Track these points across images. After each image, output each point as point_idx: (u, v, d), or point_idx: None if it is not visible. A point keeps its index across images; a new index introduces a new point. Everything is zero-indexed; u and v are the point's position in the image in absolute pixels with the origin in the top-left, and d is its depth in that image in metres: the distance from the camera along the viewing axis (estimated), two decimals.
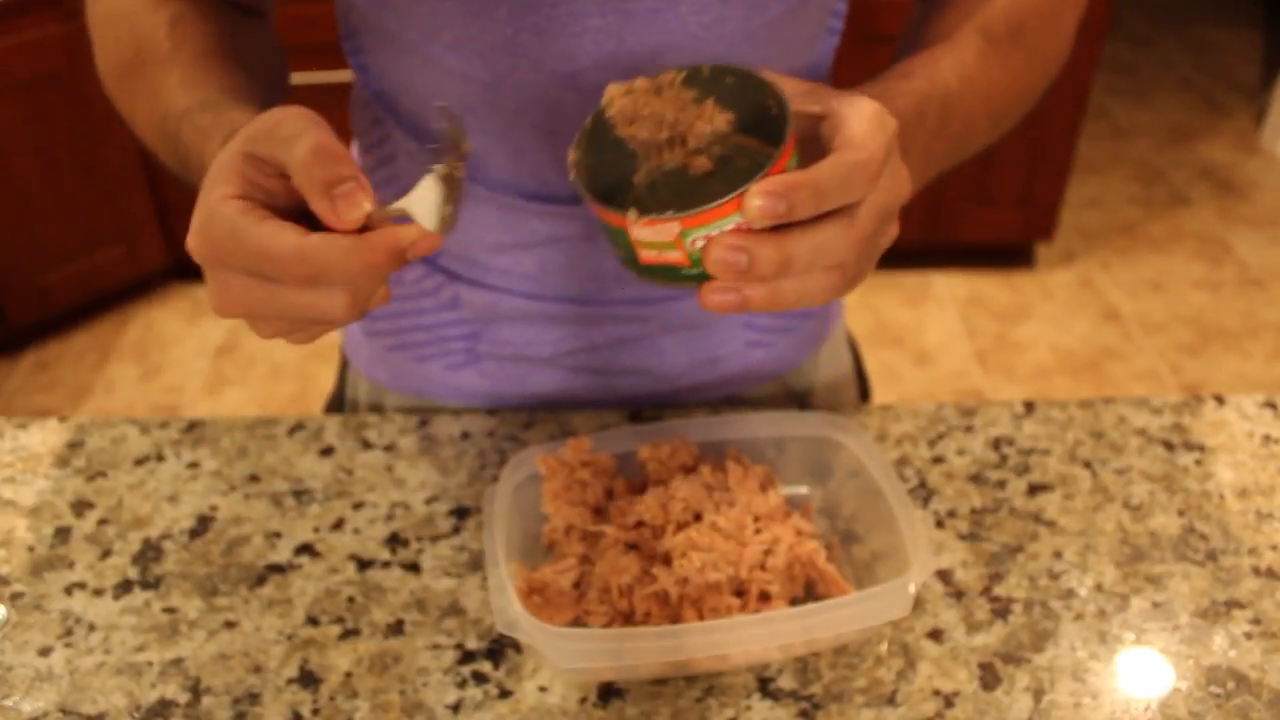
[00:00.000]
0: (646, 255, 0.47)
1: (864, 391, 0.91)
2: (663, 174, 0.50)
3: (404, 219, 0.47)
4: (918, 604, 0.63)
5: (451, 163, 0.47)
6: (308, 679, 0.59)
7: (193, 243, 0.46)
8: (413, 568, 0.66)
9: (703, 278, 0.47)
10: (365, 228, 0.45)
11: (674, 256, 0.46)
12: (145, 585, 0.65)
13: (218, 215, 0.45)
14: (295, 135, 0.44)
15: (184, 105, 0.56)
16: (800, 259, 0.45)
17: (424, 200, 0.47)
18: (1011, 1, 0.62)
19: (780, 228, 0.45)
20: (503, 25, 0.59)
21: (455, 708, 0.57)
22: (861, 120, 0.46)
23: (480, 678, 0.59)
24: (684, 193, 0.48)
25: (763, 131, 0.48)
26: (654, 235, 0.45)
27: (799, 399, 0.83)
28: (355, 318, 0.47)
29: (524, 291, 0.73)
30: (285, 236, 0.44)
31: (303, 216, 0.46)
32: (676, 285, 0.48)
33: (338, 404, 0.89)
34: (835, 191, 0.45)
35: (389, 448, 0.75)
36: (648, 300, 0.74)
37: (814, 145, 0.48)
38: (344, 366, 0.88)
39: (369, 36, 0.67)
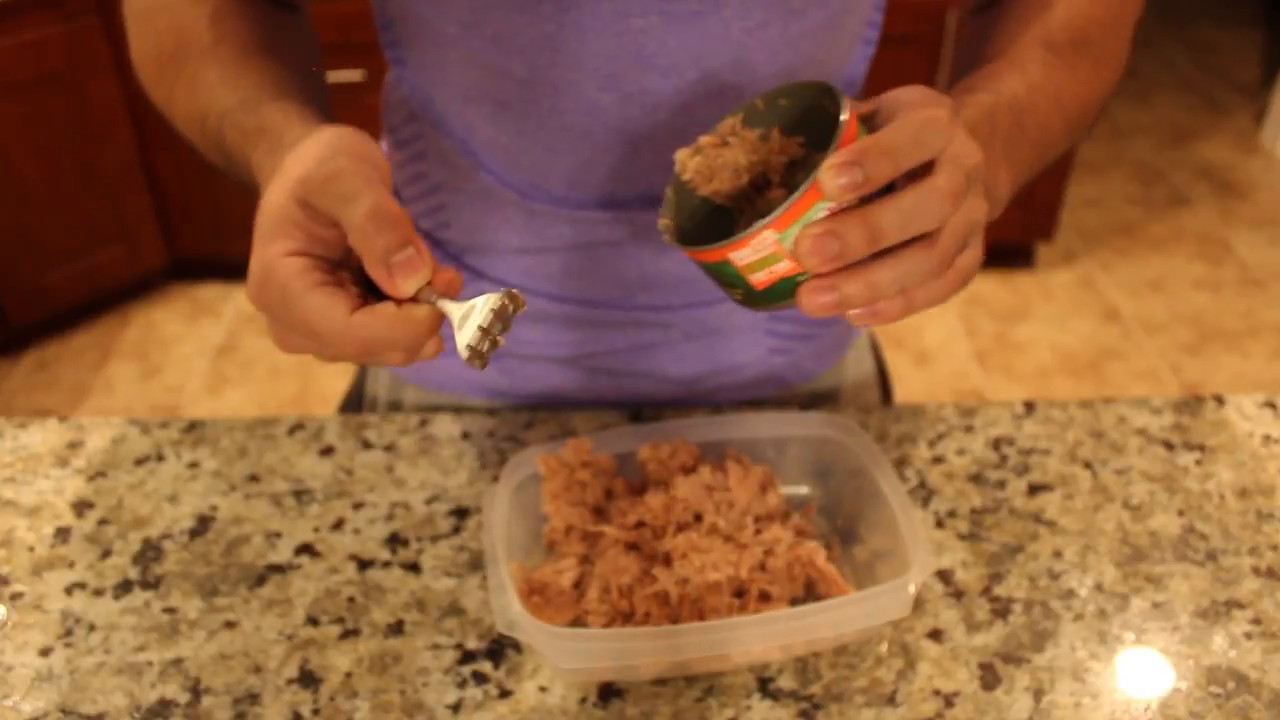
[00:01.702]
0: (759, 279, 0.46)
1: (886, 393, 0.91)
2: (762, 215, 0.50)
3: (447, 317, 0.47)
4: (918, 604, 0.63)
5: (502, 315, 0.46)
6: (308, 679, 0.59)
7: (251, 293, 0.46)
8: (413, 568, 0.66)
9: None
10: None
11: (784, 267, 0.45)
12: (145, 585, 0.65)
13: (273, 273, 0.45)
14: (353, 194, 0.44)
15: (225, 104, 0.56)
16: (890, 226, 0.43)
17: (469, 320, 0.46)
18: (1072, 13, 0.62)
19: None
20: (546, 21, 0.59)
21: (455, 708, 0.57)
22: (914, 91, 0.46)
23: (480, 678, 0.59)
24: None
25: (833, 137, 0.48)
26: (754, 253, 0.45)
27: (819, 404, 0.83)
28: (409, 364, 0.47)
29: (547, 293, 0.73)
30: (333, 314, 0.44)
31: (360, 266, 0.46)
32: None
33: (356, 398, 0.88)
34: (907, 148, 0.43)
35: (389, 448, 0.75)
36: (671, 306, 0.73)
37: None
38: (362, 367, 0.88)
39: (407, 28, 0.66)
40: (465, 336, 0.46)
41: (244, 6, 0.62)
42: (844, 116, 0.44)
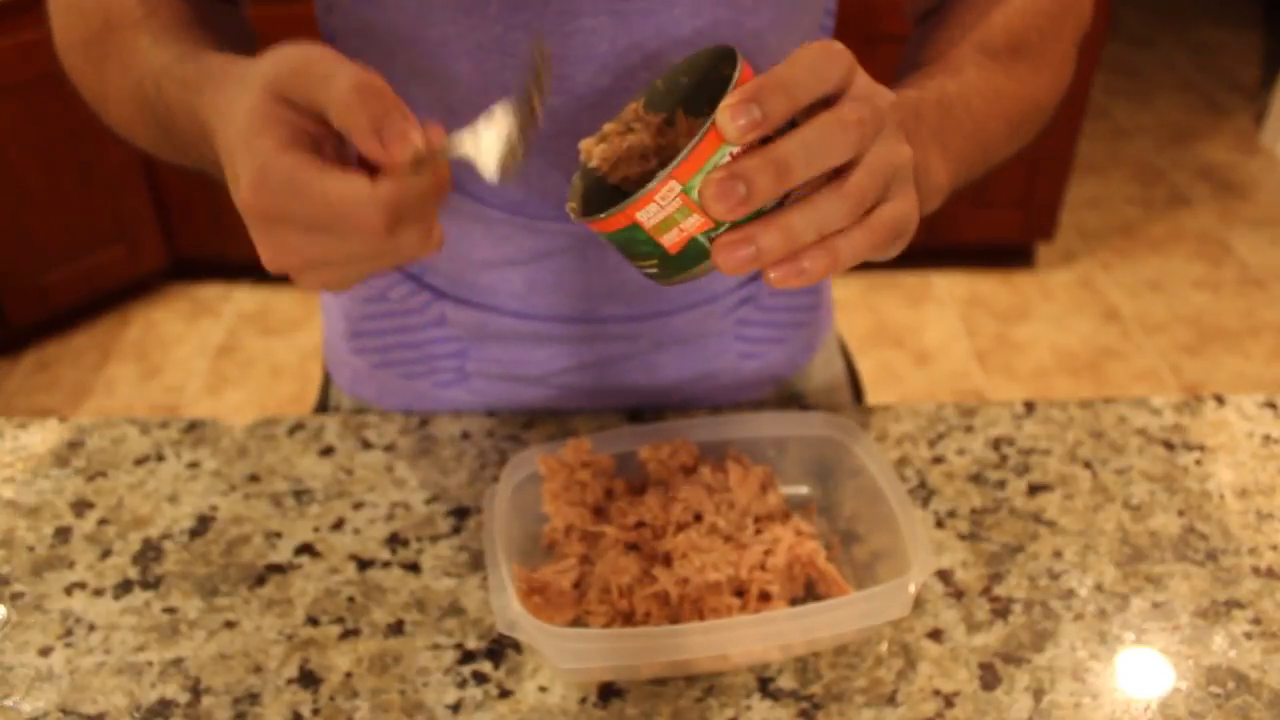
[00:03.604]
0: (670, 240, 0.44)
1: (858, 395, 0.91)
2: None
3: (458, 159, 0.44)
4: (918, 604, 0.63)
5: (527, 101, 0.43)
6: (308, 679, 0.59)
7: (248, 197, 0.42)
8: (413, 568, 0.66)
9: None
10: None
11: (694, 223, 0.43)
12: (145, 585, 0.65)
13: (275, 168, 0.41)
14: (330, 73, 0.41)
15: (161, 62, 0.53)
16: (795, 160, 0.42)
17: (487, 142, 0.43)
18: (1010, 19, 0.62)
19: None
20: (493, 23, 0.58)
21: (455, 708, 0.57)
22: (811, 43, 0.45)
23: (480, 678, 0.59)
24: None
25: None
26: (661, 209, 0.43)
27: (793, 404, 0.83)
28: (433, 251, 0.44)
29: (512, 310, 0.72)
30: (356, 187, 0.41)
31: (345, 160, 0.44)
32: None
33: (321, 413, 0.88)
34: (804, 80, 0.42)
35: (389, 448, 0.75)
36: (639, 317, 0.73)
37: None
38: (326, 381, 0.87)
39: (352, 39, 0.66)
40: (490, 161, 0.43)
41: None
42: (738, 67, 0.42)
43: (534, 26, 0.58)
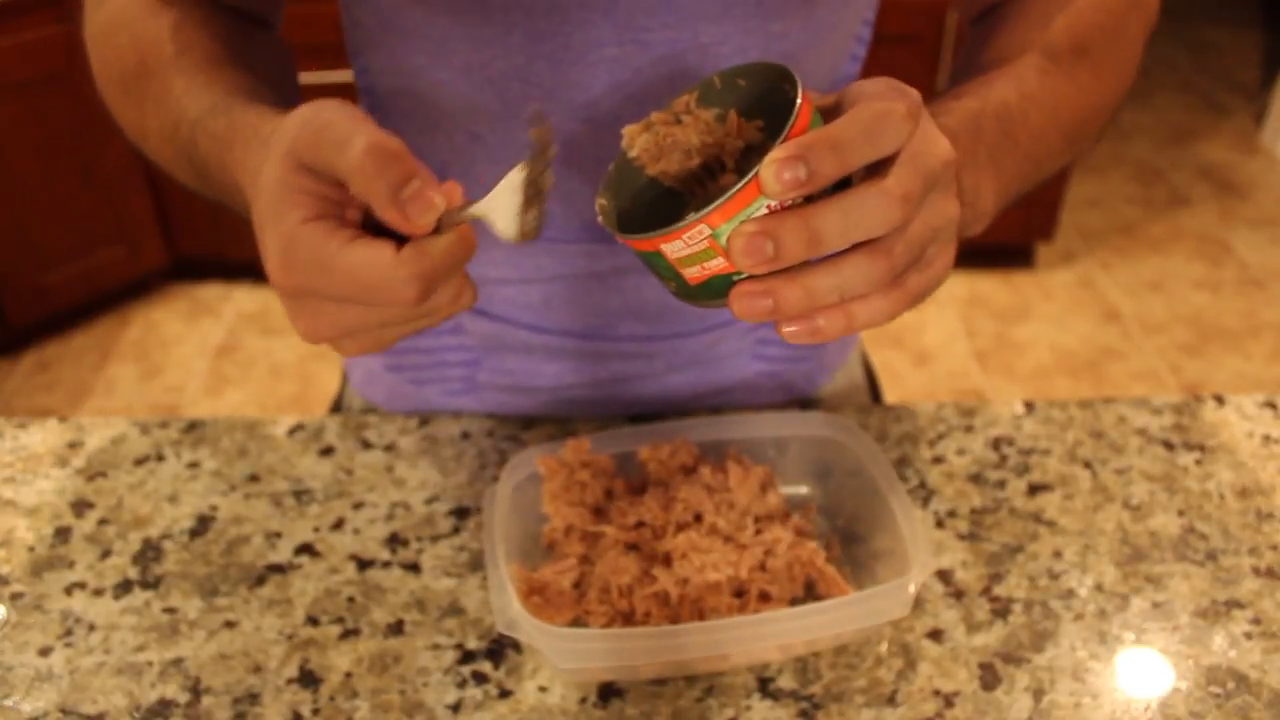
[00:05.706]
0: (692, 274, 0.43)
1: (876, 400, 0.90)
2: (709, 202, 0.47)
3: (476, 221, 0.44)
4: (918, 604, 0.63)
5: (535, 164, 0.43)
6: (308, 679, 0.59)
7: (277, 275, 0.42)
8: (413, 568, 0.66)
9: None
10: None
11: (718, 264, 0.42)
12: (145, 585, 0.65)
13: (300, 242, 0.41)
14: (345, 138, 0.41)
15: (195, 113, 0.53)
16: (831, 230, 0.39)
17: (503, 204, 0.44)
18: (1074, 20, 0.59)
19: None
20: (516, 53, 0.58)
21: (455, 708, 0.57)
22: (877, 83, 0.43)
23: (480, 678, 0.59)
24: None
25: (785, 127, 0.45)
26: (687, 247, 0.42)
27: (807, 407, 0.83)
28: (466, 307, 0.44)
29: (528, 323, 0.72)
30: (381, 257, 0.41)
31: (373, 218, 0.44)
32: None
33: (336, 410, 0.88)
34: (857, 143, 0.39)
35: (389, 448, 0.75)
36: (655, 337, 0.72)
37: None
38: (345, 379, 0.88)
39: (377, 56, 0.66)
40: (509, 225, 0.44)
41: (207, 18, 0.59)
42: (797, 104, 0.40)
43: (557, 57, 0.57)
